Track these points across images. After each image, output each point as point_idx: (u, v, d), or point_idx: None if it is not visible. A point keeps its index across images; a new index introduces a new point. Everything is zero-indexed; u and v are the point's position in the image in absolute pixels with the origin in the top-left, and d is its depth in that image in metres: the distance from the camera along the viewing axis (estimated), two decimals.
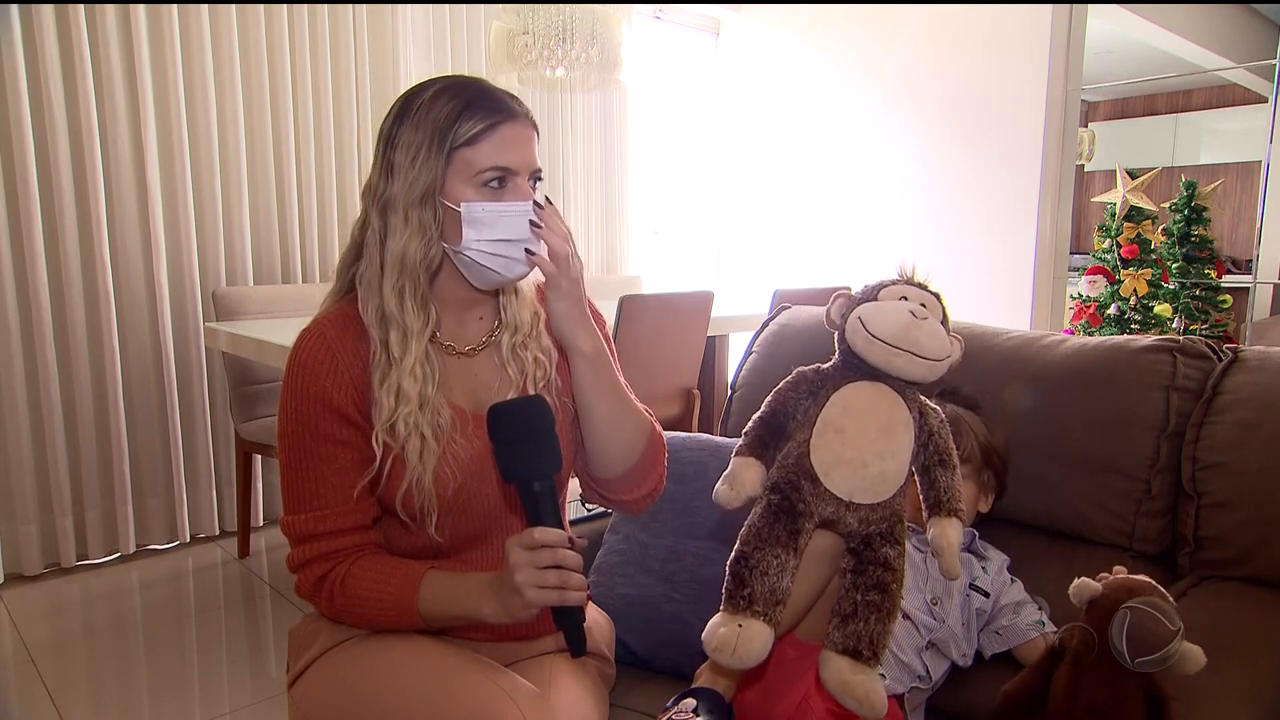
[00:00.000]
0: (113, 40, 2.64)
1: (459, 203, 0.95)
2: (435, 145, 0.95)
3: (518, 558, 0.85)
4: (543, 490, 0.88)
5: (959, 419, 1.19)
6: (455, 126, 0.94)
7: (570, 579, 0.85)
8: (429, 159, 0.95)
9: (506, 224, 0.95)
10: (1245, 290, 4.86)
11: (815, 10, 4.38)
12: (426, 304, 0.98)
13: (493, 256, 0.96)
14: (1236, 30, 5.48)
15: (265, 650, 2.24)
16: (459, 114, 0.95)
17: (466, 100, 0.96)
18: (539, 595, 0.85)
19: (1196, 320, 4.87)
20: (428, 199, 0.95)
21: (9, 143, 2.51)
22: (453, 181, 0.96)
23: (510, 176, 0.96)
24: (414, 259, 0.96)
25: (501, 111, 0.96)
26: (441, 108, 0.95)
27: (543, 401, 0.92)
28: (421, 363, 0.97)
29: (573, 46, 2.75)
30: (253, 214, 3.05)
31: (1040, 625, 1.12)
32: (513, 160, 0.96)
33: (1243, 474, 1.09)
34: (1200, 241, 4.98)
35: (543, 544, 0.84)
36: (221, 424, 3.04)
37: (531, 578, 0.84)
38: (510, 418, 0.89)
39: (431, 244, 0.97)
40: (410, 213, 0.96)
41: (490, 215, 0.95)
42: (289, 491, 0.99)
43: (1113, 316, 4.77)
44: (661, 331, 2.63)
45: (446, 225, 0.97)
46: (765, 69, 4.67)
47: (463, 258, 0.98)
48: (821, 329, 1.55)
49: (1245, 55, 5.43)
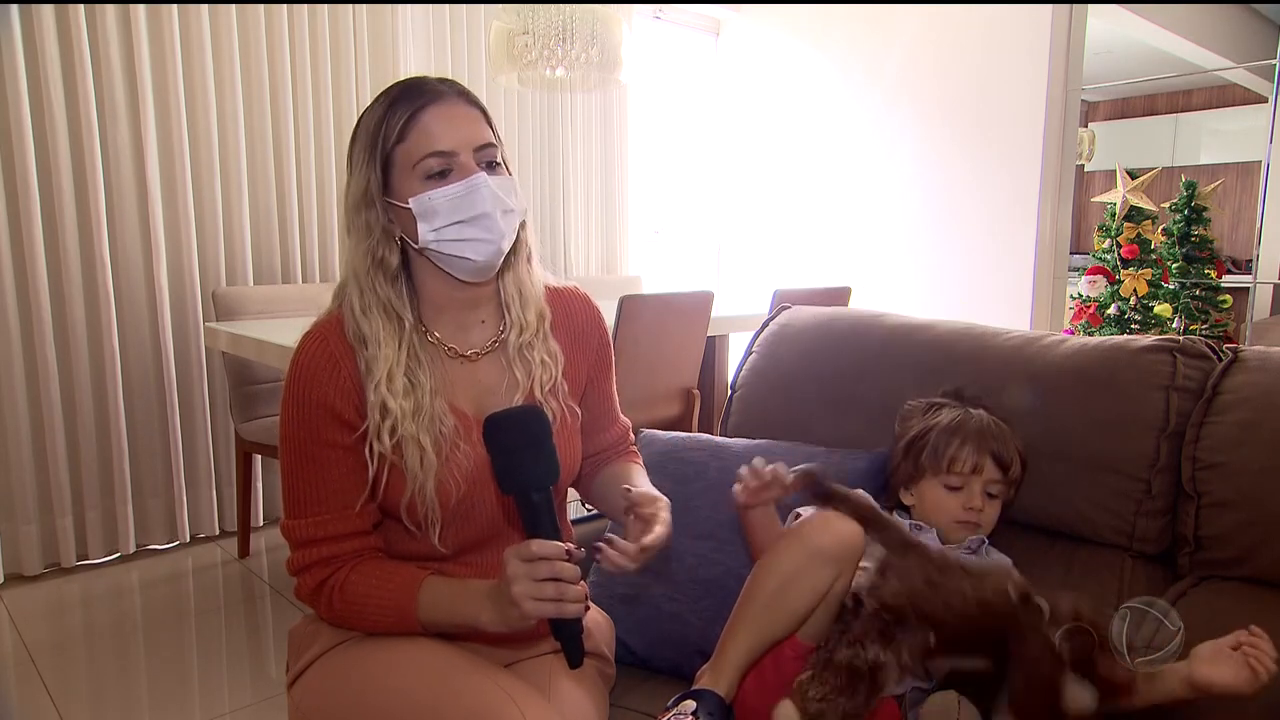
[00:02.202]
0: (113, 40, 2.64)
1: (408, 199, 0.94)
2: (369, 149, 0.95)
3: (515, 569, 0.84)
4: (540, 501, 0.87)
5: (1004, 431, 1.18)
6: (384, 125, 0.95)
7: (568, 591, 0.84)
8: (364, 165, 0.95)
9: (455, 206, 0.94)
10: (1245, 290, 4.86)
11: (815, 10, 4.38)
12: (389, 310, 0.97)
13: (455, 243, 0.96)
14: (1236, 30, 5.48)
15: (265, 650, 2.24)
16: (385, 112, 0.95)
17: (391, 99, 0.96)
18: (536, 607, 0.84)
19: (1196, 320, 4.87)
20: (368, 203, 0.96)
21: (9, 143, 2.51)
22: (399, 181, 0.95)
23: (450, 159, 0.94)
24: (363, 265, 0.96)
25: (423, 96, 0.95)
26: (372, 114, 0.96)
27: (540, 411, 0.92)
28: (405, 373, 0.96)
29: (573, 46, 2.75)
30: (253, 214, 3.05)
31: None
32: (446, 142, 0.94)
33: (1243, 474, 1.09)
34: (1200, 241, 4.98)
35: (540, 556, 0.84)
36: (221, 424, 3.04)
37: (529, 590, 0.83)
38: (507, 427, 0.88)
39: (376, 246, 0.96)
40: (354, 220, 0.97)
41: (438, 202, 0.94)
42: (290, 496, 0.98)
43: (1113, 316, 4.77)
44: (661, 331, 2.63)
45: (407, 226, 0.96)
46: (765, 69, 4.67)
47: (430, 252, 0.97)
48: (821, 329, 1.56)
49: (1245, 55, 5.43)
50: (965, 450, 1.17)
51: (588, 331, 1.13)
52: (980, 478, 1.17)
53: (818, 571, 0.96)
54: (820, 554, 0.96)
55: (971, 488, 1.17)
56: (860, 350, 1.46)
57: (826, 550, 0.97)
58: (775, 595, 0.97)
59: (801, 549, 0.98)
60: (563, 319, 1.10)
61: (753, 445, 1.41)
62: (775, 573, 0.98)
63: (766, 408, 1.54)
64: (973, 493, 1.17)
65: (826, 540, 0.97)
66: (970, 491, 1.17)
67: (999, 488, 1.18)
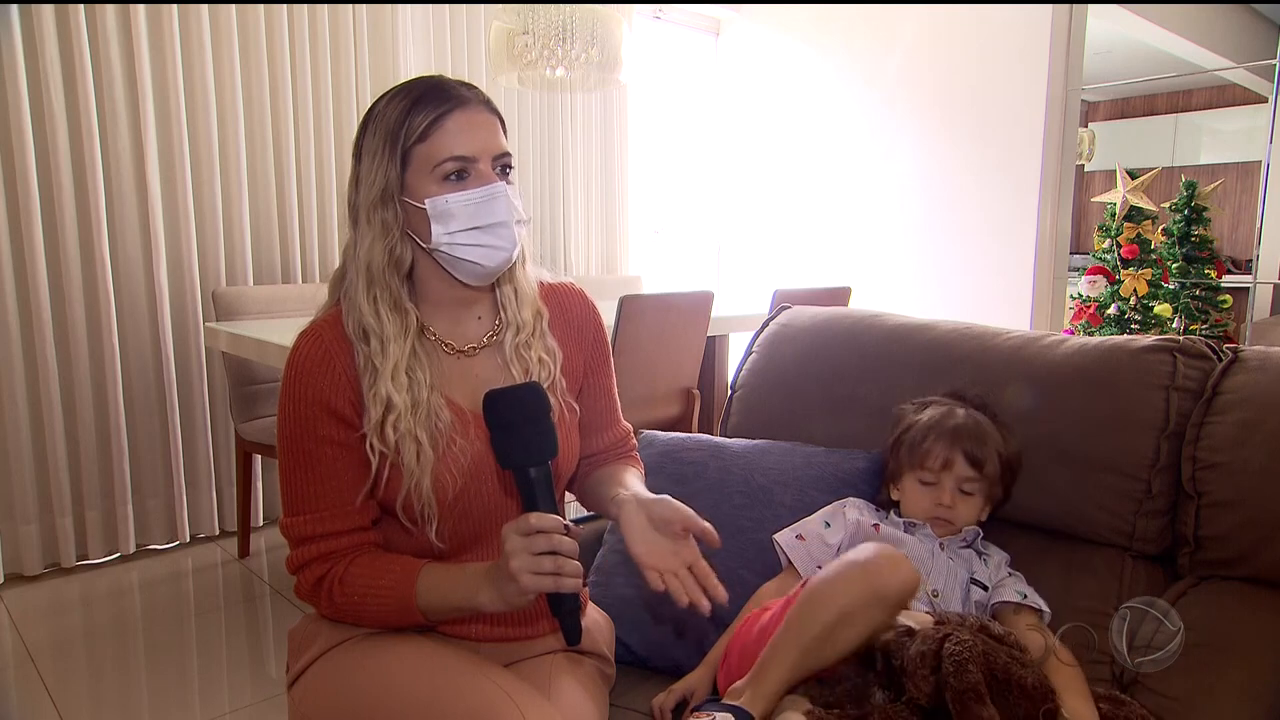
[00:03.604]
0: (113, 40, 2.64)
1: (424, 199, 0.95)
2: (389, 146, 0.95)
3: (513, 543, 0.84)
4: (539, 476, 0.87)
5: (982, 429, 1.18)
6: (406, 123, 0.94)
7: (565, 565, 0.84)
8: (383, 161, 0.95)
9: (473, 212, 0.95)
10: (1245, 290, 4.86)
11: (815, 10, 4.38)
12: (400, 307, 0.98)
13: (468, 247, 0.96)
14: (1236, 30, 5.48)
15: (265, 650, 2.24)
16: (408, 111, 0.95)
17: (415, 97, 0.96)
18: (534, 581, 0.84)
19: (1196, 320, 4.87)
20: (387, 200, 0.95)
21: (9, 143, 2.51)
22: (415, 180, 0.95)
23: (470, 164, 0.95)
24: (380, 262, 0.96)
25: (449, 100, 0.95)
26: (393, 109, 0.96)
27: (539, 387, 0.92)
28: (406, 369, 0.96)
29: (573, 46, 2.75)
30: (253, 214, 3.05)
31: (1022, 595, 1.12)
32: (468, 147, 0.95)
33: (1243, 474, 1.09)
34: (1200, 241, 4.98)
35: (538, 529, 0.84)
36: (221, 424, 3.04)
37: (527, 564, 0.84)
38: (506, 403, 0.89)
39: (395, 244, 0.97)
40: (371, 215, 0.96)
41: (455, 206, 0.95)
42: (288, 494, 0.99)
43: (1113, 316, 4.77)
44: (661, 331, 2.63)
45: (418, 225, 0.97)
46: (765, 69, 4.66)
47: (440, 254, 0.98)
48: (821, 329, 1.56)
49: (1245, 55, 5.43)
50: (937, 446, 1.18)
51: (584, 326, 1.14)
52: (951, 474, 1.17)
53: (878, 614, 0.93)
54: (885, 599, 0.93)
55: (943, 484, 1.18)
56: (860, 350, 1.46)
57: (892, 596, 0.93)
58: (832, 629, 0.92)
59: (867, 588, 0.92)
60: (559, 314, 1.12)
61: (753, 445, 1.41)
62: (834, 606, 0.93)
63: (766, 408, 1.54)
64: (943, 489, 1.18)
65: (894, 584, 0.92)
66: (941, 488, 1.18)
67: (975, 485, 1.18)
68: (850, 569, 0.95)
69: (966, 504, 1.18)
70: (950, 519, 1.17)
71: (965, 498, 1.18)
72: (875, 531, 1.18)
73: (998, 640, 0.95)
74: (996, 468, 1.18)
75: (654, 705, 1.11)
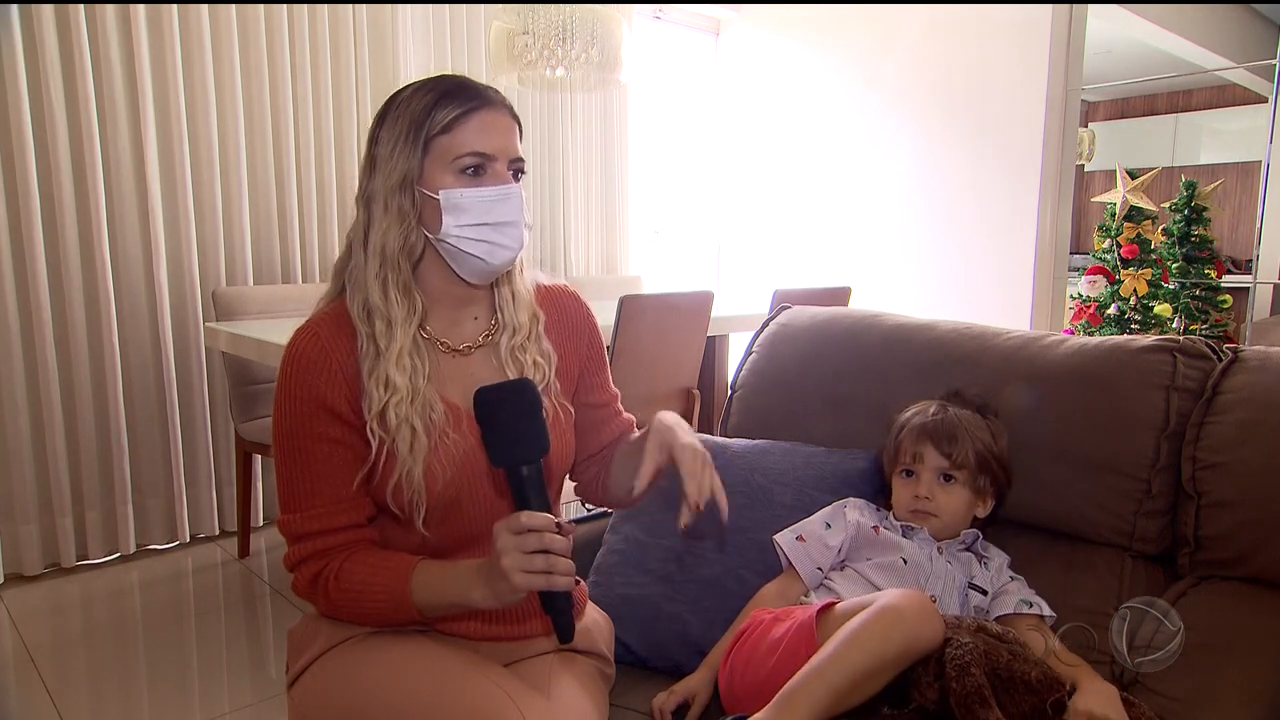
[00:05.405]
0: (113, 40, 2.64)
1: (438, 190, 0.96)
2: (412, 134, 0.96)
3: (505, 542, 0.84)
4: (530, 475, 0.87)
5: (954, 422, 1.19)
6: (431, 114, 0.96)
7: (557, 563, 0.84)
8: (406, 148, 0.96)
9: (486, 208, 0.97)
10: (1245, 290, 4.86)
11: (815, 10, 4.38)
12: (410, 292, 0.99)
13: (475, 242, 0.97)
14: (1236, 30, 5.48)
15: (265, 650, 2.24)
16: (435, 103, 0.96)
17: (443, 90, 0.98)
18: (525, 579, 0.84)
19: (1196, 320, 4.86)
20: (406, 186, 0.97)
21: (9, 143, 2.51)
22: (432, 170, 0.97)
23: (488, 162, 0.97)
24: (394, 246, 0.97)
25: (477, 98, 0.98)
26: (419, 100, 0.97)
27: (530, 383, 0.92)
28: (409, 353, 0.97)
29: (573, 46, 2.75)
30: (253, 214, 3.05)
31: (1026, 604, 1.12)
32: (489, 146, 0.97)
33: (1243, 474, 1.09)
34: (1200, 241, 4.97)
35: (529, 528, 0.84)
36: (221, 424, 3.04)
37: (518, 562, 0.84)
38: (497, 399, 0.89)
39: (411, 230, 0.98)
40: (390, 201, 0.97)
41: (469, 200, 0.96)
42: (285, 490, 0.99)
43: (1113, 316, 4.77)
44: (661, 331, 2.63)
45: (428, 215, 0.98)
46: (765, 69, 4.67)
47: (445, 245, 0.98)
48: (821, 329, 1.56)
49: (1245, 55, 5.43)
50: (907, 440, 1.21)
51: (580, 329, 1.15)
52: (925, 465, 1.18)
53: (905, 663, 0.95)
54: (919, 650, 0.94)
55: (919, 476, 1.19)
56: (860, 350, 1.46)
57: (922, 647, 0.94)
58: (867, 675, 0.93)
59: (903, 637, 0.94)
60: (556, 317, 1.12)
61: (753, 445, 1.41)
62: (872, 652, 0.93)
63: (766, 408, 1.54)
64: (919, 480, 1.19)
65: (926, 635, 0.94)
66: (918, 479, 1.19)
67: (960, 474, 1.17)
68: (886, 619, 0.95)
69: (947, 494, 1.18)
70: (932, 511, 1.18)
71: (945, 488, 1.18)
72: (875, 534, 1.18)
73: (997, 638, 0.96)
74: (971, 457, 1.17)
75: (654, 705, 1.11)
